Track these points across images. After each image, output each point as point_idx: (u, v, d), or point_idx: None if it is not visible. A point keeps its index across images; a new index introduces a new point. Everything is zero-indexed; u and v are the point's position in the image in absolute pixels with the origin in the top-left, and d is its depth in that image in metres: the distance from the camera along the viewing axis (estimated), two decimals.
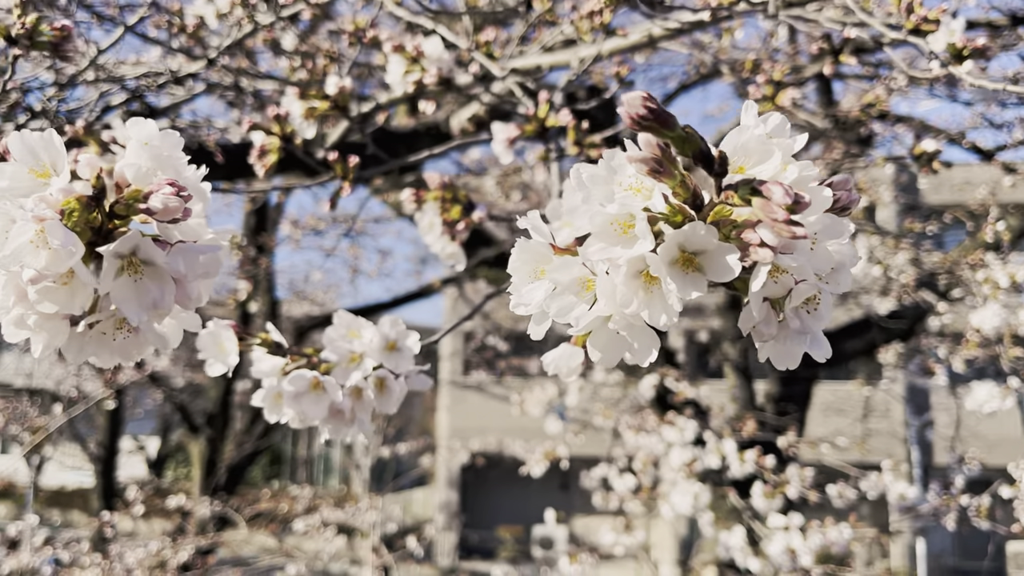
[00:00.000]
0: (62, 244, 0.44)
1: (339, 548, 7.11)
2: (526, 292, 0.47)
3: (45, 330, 0.49)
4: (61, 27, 0.85)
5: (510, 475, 12.85)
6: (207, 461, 7.78)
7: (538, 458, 4.23)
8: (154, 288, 0.50)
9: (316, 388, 0.72)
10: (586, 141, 1.20)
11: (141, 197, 0.50)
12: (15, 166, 0.49)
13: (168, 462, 13.12)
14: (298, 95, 1.17)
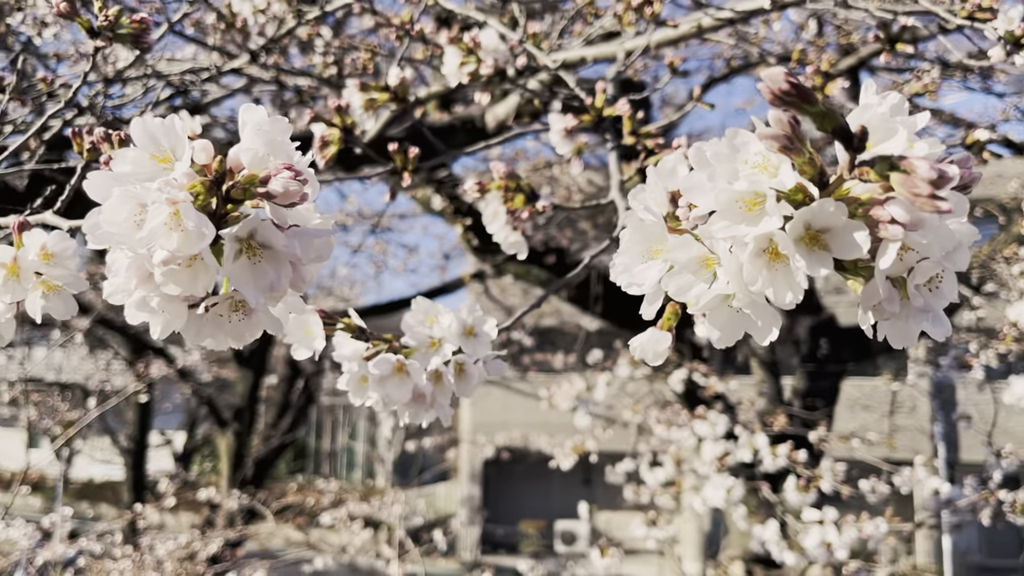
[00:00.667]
0: (196, 226, 0.45)
1: (365, 541, 7.16)
2: (638, 272, 0.48)
3: (167, 312, 0.51)
4: (140, 19, 0.87)
5: (533, 470, 12.87)
6: (235, 455, 7.86)
7: (567, 452, 4.23)
8: (271, 271, 0.51)
9: (400, 372, 0.73)
10: (642, 131, 1.20)
11: (258, 181, 0.51)
12: (137, 151, 0.50)
13: (194, 456, 13.24)
14: (359, 87, 1.18)
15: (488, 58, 1.21)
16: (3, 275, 0.60)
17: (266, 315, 0.53)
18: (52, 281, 0.62)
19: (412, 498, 11.37)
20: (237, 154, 0.51)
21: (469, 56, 1.24)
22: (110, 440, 9.49)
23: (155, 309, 0.51)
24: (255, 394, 7.92)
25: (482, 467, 12.60)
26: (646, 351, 0.70)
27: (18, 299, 0.61)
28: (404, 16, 1.69)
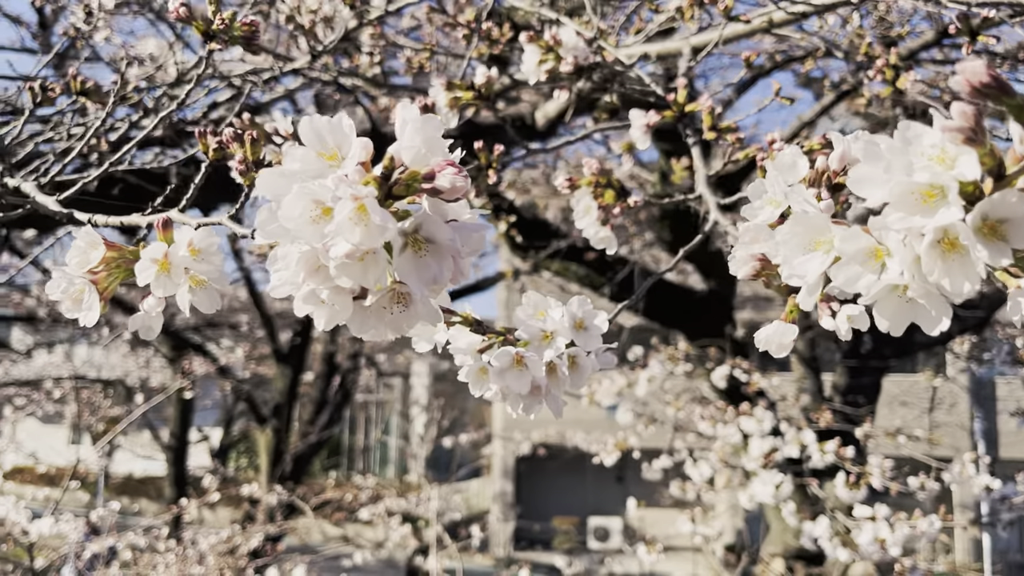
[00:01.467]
0: (381, 220, 0.47)
1: (403, 536, 7.22)
2: (799, 264, 0.49)
3: (336, 304, 0.53)
4: (250, 22, 0.89)
5: (566, 466, 12.88)
6: (273, 451, 7.95)
7: (609, 449, 4.24)
8: (434, 264, 0.53)
9: (519, 364, 0.75)
10: (722, 126, 1.21)
11: (421, 178, 0.53)
12: (305, 150, 0.52)
13: (230, 452, 13.43)
14: (445, 86, 1.20)
15: (568, 55, 1.22)
16: (155, 271, 0.63)
17: (426, 307, 0.54)
18: (199, 276, 0.64)
19: (446, 494, 11.42)
20: (399, 151, 0.53)
21: (548, 54, 1.25)
22: (151, 436, 9.65)
23: (323, 302, 0.53)
24: (294, 391, 8.01)
25: (515, 463, 12.63)
26: (771, 343, 0.71)
27: (169, 293, 0.64)
28: (470, 15, 1.71)
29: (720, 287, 4.76)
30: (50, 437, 14.17)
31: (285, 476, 7.92)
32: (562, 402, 0.80)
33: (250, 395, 8.15)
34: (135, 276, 0.66)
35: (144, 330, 0.66)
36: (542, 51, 1.25)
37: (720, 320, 4.86)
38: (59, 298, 0.63)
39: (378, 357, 10.61)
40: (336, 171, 0.52)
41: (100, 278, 0.65)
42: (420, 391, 13.74)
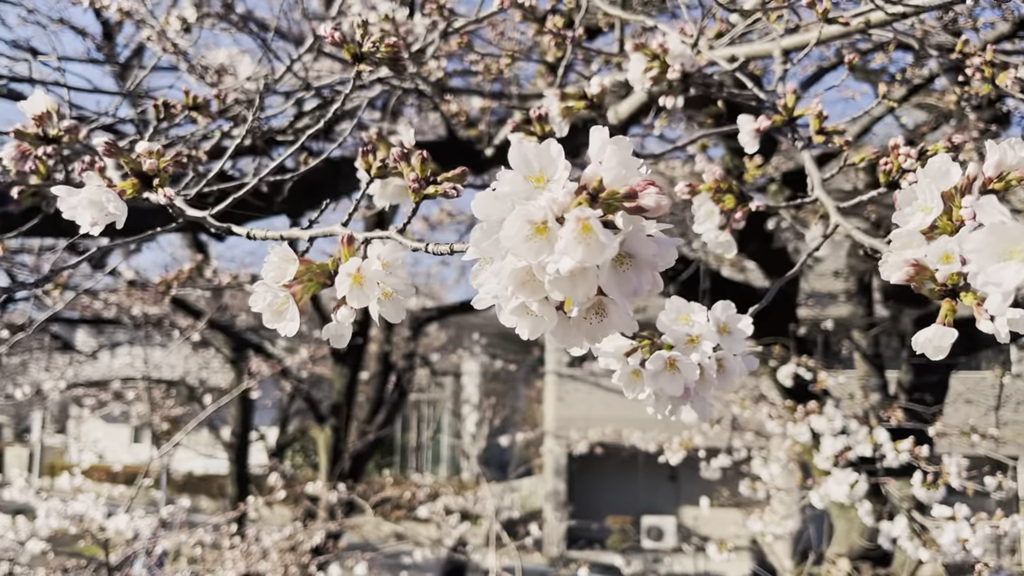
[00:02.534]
0: (607, 239, 0.51)
1: (462, 534, 7.29)
2: (994, 272, 0.51)
3: (544, 316, 0.57)
4: (393, 44, 0.94)
5: (618, 465, 12.86)
6: (332, 449, 8.09)
7: (675, 448, 4.24)
8: (634, 277, 0.56)
9: (671, 368, 0.78)
10: (829, 129, 1.22)
11: (621, 196, 0.56)
12: (513, 173, 0.56)
13: (286, 451, 13.68)
14: (558, 96, 1.23)
15: (676, 63, 1.25)
16: (350, 283, 0.67)
17: (622, 317, 0.58)
18: (387, 288, 0.69)
19: (500, 493, 11.50)
20: (600, 172, 0.56)
21: (653, 62, 1.28)
22: (212, 435, 9.89)
23: (530, 313, 0.57)
24: (351, 390, 8.14)
25: (567, 462, 12.65)
26: (930, 346, 0.73)
27: (362, 305, 0.68)
28: (557, 21, 1.74)
29: (785, 284, 4.72)
30: (113, 436, 14.62)
31: (344, 474, 8.06)
32: (710, 404, 0.83)
33: (309, 395, 8.30)
34: (325, 287, 0.71)
35: (336, 338, 0.70)
36: (648, 59, 1.28)
37: (784, 318, 4.82)
38: (261, 310, 0.68)
39: (432, 356, 10.72)
40: (542, 192, 0.56)
41: (296, 291, 0.69)
42: (471, 390, 13.84)
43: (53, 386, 6.84)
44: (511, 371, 13.06)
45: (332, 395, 8.38)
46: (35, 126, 1.10)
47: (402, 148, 0.78)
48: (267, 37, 2.14)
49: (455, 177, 0.78)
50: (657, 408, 0.85)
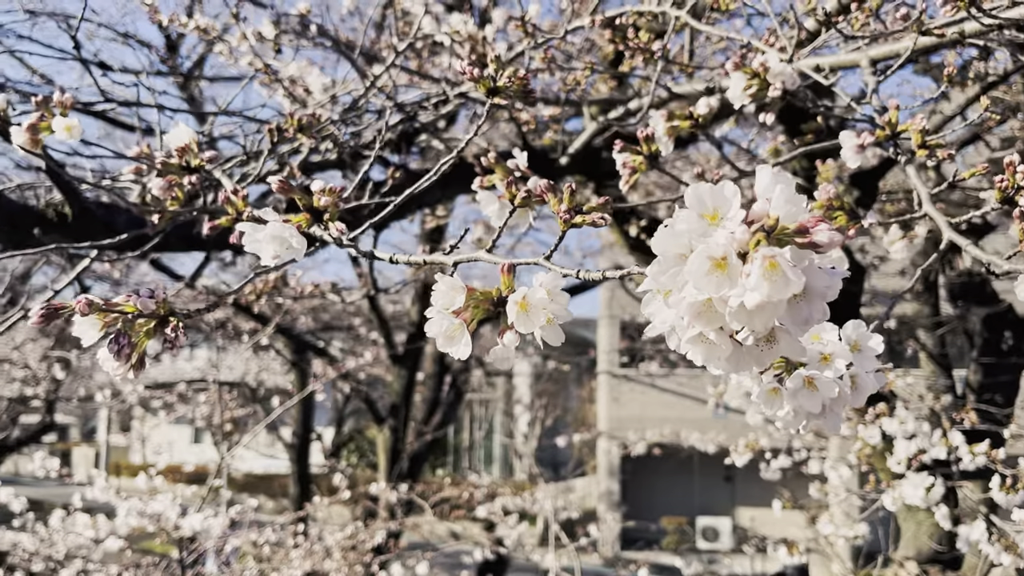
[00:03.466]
0: (795, 277, 0.55)
1: (521, 534, 7.35)
2: None
3: (721, 344, 0.61)
4: (523, 76, 0.99)
5: (672, 465, 12.81)
6: (391, 449, 8.22)
7: (741, 450, 4.24)
8: (806, 307, 0.60)
9: (810, 386, 0.81)
10: (931, 142, 1.24)
11: (791, 232, 0.60)
12: (689, 212, 0.61)
13: (342, 451, 13.90)
14: (665, 117, 1.28)
15: (776, 81, 1.28)
16: (517, 310, 0.73)
17: (792, 344, 0.62)
18: (550, 315, 0.74)
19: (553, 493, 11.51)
20: (769, 210, 0.61)
21: (753, 80, 1.31)
22: (272, 435, 10.11)
23: (706, 341, 0.61)
24: (409, 391, 8.26)
25: (620, 463, 12.64)
26: None
27: (528, 330, 0.74)
28: (644, 36, 1.78)
29: (847, 284, 4.68)
30: (174, 437, 15.03)
31: (402, 474, 8.18)
32: (841, 418, 0.86)
33: (368, 396, 8.44)
34: (488, 313, 0.76)
35: (501, 361, 0.76)
36: (748, 77, 1.31)
37: (847, 317, 4.77)
38: (436, 336, 0.74)
39: (486, 357, 10.80)
40: (717, 229, 0.60)
41: (466, 317, 0.75)
42: (523, 390, 13.91)
43: (132, 389, 7.06)
44: (563, 371, 13.10)
45: (390, 396, 8.51)
46: (178, 157, 1.18)
47: (549, 183, 0.83)
48: (354, 56, 2.22)
49: (600, 207, 0.83)
50: (790, 424, 0.88)
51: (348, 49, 3.02)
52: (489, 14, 3.65)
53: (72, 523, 5.04)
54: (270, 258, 0.79)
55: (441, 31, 2.59)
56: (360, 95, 2.54)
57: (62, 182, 1.96)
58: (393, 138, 2.48)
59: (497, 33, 2.73)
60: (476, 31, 2.56)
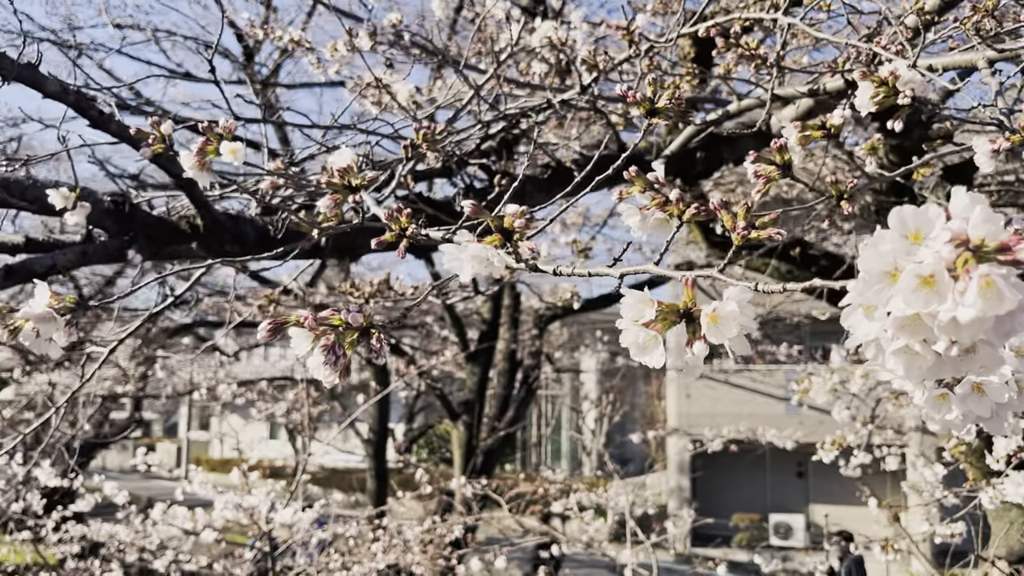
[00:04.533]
0: (1011, 294, 0.59)
1: (598, 529, 7.40)
2: None
3: (925, 355, 0.66)
4: (679, 97, 1.04)
5: (744, 462, 12.68)
6: (466, 445, 8.36)
7: (827, 446, 4.21)
8: (1008, 321, 0.65)
9: (978, 391, 0.85)
10: None
11: (992, 250, 0.65)
12: (892, 232, 0.66)
13: (412, 446, 14.13)
14: (798, 128, 1.32)
15: (907, 88, 1.31)
16: (708, 322, 0.79)
17: (992, 355, 0.67)
18: (740, 328, 0.79)
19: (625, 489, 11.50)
20: (969, 229, 0.65)
21: (881, 87, 1.34)
22: (349, 431, 10.35)
23: (910, 353, 0.66)
24: (483, 388, 8.39)
25: (690, 459, 12.56)
26: None
27: (719, 341, 0.79)
28: (751, 42, 1.81)
29: None
30: (250, 432, 15.48)
31: (476, 470, 8.31)
32: (1008, 422, 0.90)
33: (443, 393, 8.59)
34: (675, 324, 0.82)
35: (691, 370, 0.82)
36: (875, 85, 1.34)
37: None
38: (629, 346, 0.80)
39: (555, 354, 10.88)
40: (921, 249, 0.65)
41: (658, 328, 0.81)
42: (590, 386, 13.93)
43: (226, 388, 7.34)
44: (630, 368, 13.08)
45: (463, 392, 8.65)
46: (339, 177, 1.27)
47: (723, 200, 0.89)
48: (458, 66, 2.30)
49: (772, 222, 0.88)
50: (955, 428, 0.92)
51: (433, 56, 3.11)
52: (567, 17, 3.70)
53: (173, 515, 5.28)
54: (468, 276, 0.87)
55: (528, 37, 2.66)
56: (464, 103, 2.62)
57: (196, 196, 2.09)
58: (494, 145, 2.55)
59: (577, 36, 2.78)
60: (565, 37, 2.62)
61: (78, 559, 7.80)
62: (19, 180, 2.07)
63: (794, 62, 3.12)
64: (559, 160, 2.60)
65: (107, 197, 2.12)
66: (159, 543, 7.38)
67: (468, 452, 8.34)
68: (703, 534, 12.50)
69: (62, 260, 2.11)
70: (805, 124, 1.33)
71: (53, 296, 1.27)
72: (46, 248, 2.22)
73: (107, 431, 9.91)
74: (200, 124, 1.39)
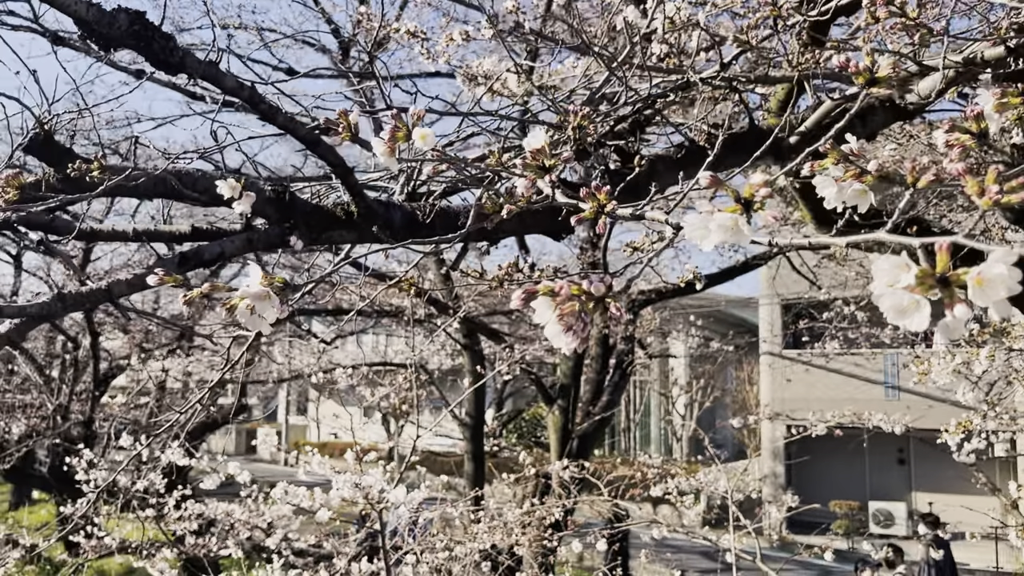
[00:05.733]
0: None
1: (695, 516, 7.36)
2: None
3: None
4: (897, 68, 1.05)
5: (842, 448, 12.37)
6: (562, 429, 8.42)
7: (953, 431, 4.08)
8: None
9: None
10: None
11: None
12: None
13: (502, 432, 14.30)
14: (997, 95, 1.30)
15: None
16: (974, 285, 0.80)
17: None
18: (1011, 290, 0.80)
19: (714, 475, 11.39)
20: None
21: None
22: (436, 414, 10.55)
23: None
24: (578, 372, 8.42)
25: (785, 445, 12.34)
26: None
27: (984, 304, 0.80)
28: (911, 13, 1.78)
29: None
30: (346, 417, 15.93)
31: (572, 453, 8.37)
32: None
33: (538, 377, 8.66)
34: (933, 290, 0.84)
35: (953, 333, 0.83)
36: None
37: None
38: (885, 311, 0.82)
39: (647, 339, 10.83)
40: None
41: (919, 292, 0.83)
42: (680, 371, 13.80)
43: (342, 372, 7.59)
44: (721, 353, 12.91)
45: (559, 378, 8.70)
46: (532, 159, 1.32)
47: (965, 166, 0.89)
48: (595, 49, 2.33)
49: (1020, 186, 0.88)
50: None
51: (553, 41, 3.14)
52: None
53: (294, 494, 5.50)
54: (712, 245, 0.90)
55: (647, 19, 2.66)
56: (599, 86, 2.65)
57: (351, 184, 2.18)
58: (626, 126, 2.57)
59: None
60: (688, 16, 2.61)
61: (195, 535, 8.22)
62: (190, 172, 2.20)
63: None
64: (692, 139, 2.60)
65: (268, 187, 2.23)
66: (269, 522, 7.70)
67: (564, 436, 8.39)
68: (798, 521, 12.27)
69: (229, 248, 2.23)
70: (1004, 91, 1.31)
71: (264, 277, 1.37)
72: (209, 237, 2.35)
73: (215, 415, 10.35)
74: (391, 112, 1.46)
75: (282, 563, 7.07)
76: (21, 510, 13.75)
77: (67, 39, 6.28)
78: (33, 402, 10.01)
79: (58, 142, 2.13)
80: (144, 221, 7.38)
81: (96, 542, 7.30)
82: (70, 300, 1.95)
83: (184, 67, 1.79)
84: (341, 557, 6.63)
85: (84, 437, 9.25)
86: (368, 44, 8.44)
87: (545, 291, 0.95)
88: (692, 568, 9.52)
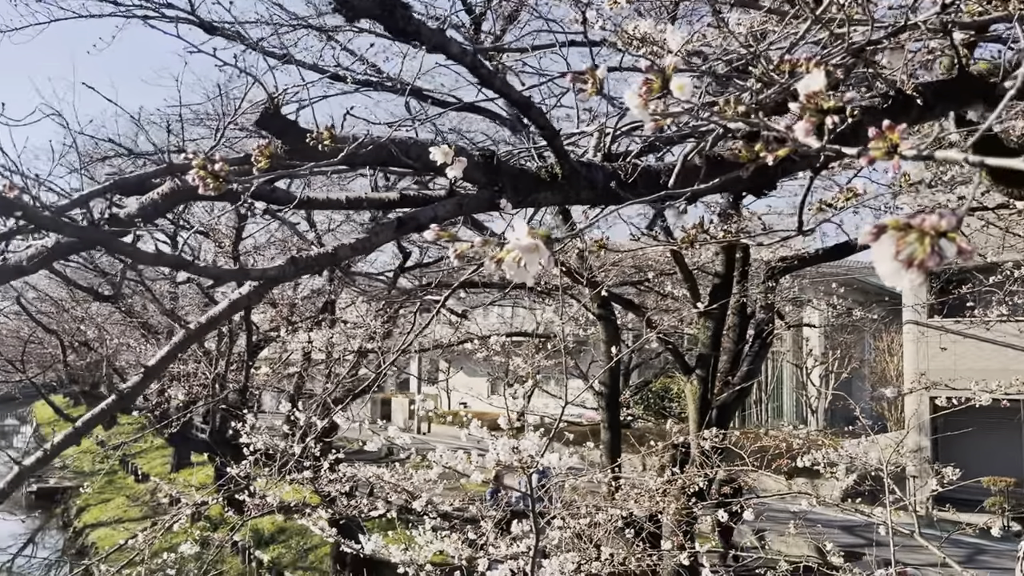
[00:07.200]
0: None
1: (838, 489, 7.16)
2: None
3: None
4: None
5: (993, 421, 11.70)
6: (700, 399, 8.32)
7: None
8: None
9: None
10: None
11: None
12: None
13: (630, 403, 14.28)
14: None
15: None
16: None
17: None
18: None
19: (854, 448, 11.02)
20: None
21: None
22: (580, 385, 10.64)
23: None
24: (717, 342, 8.29)
25: (930, 417, 11.78)
26: None
27: None
28: None
29: None
30: (473, 388, 16.31)
31: (711, 423, 8.26)
32: None
33: (676, 347, 8.59)
34: None
35: None
36: None
37: None
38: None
39: (784, 308, 10.53)
40: None
41: None
42: (815, 341, 13.35)
43: (491, 340, 7.76)
44: (863, 322, 12.39)
45: (698, 347, 8.59)
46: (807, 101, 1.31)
47: None
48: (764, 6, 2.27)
49: None
50: None
51: None
52: None
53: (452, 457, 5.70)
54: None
55: None
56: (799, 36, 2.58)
57: (557, 146, 2.22)
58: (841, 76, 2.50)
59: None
60: None
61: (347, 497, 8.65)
62: (403, 140, 2.30)
63: None
64: (900, 88, 2.49)
65: (476, 152, 2.30)
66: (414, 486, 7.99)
67: (703, 406, 8.29)
68: (946, 497, 11.73)
69: (442, 211, 2.32)
70: None
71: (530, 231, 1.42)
72: (416, 203, 2.45)
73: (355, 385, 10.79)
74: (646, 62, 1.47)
75: (431, 526, 7.35)
76: (182, 471, 14.82)
77: (220, 28, 6.61)
78: (192, 372, 10.74)
79: (285, 115, 2.26)
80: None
81: (260, 500, 7.78)
82: (302, 264, 2.09)
83: (419, 35, 1.87)
84: (487, 520, 6.82)
85: (240, 403, 9.86)
86: (498, 19, 8.44)
87: (895, 225, 0.94)
88: (835, 542, 9.28)
